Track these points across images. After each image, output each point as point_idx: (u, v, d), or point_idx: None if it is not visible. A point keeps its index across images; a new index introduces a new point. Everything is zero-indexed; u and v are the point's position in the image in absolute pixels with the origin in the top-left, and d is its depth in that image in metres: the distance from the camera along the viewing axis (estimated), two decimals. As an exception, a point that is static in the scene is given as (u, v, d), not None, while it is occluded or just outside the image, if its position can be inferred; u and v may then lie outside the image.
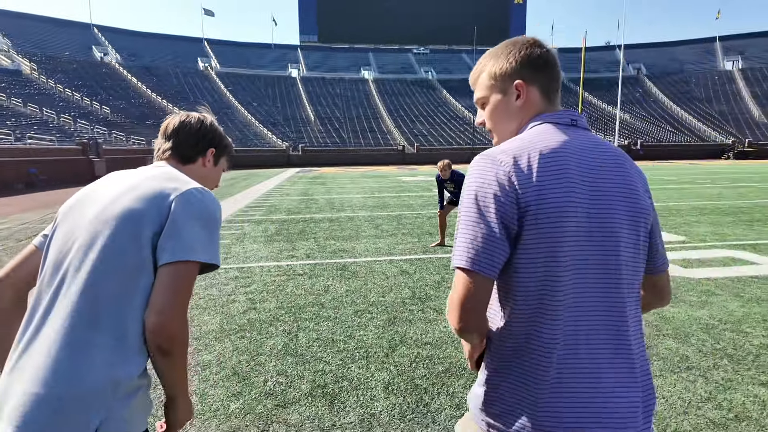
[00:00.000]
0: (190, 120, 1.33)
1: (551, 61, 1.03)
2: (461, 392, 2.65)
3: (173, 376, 1.03)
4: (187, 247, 1.01)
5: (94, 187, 1.16)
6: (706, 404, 2.48)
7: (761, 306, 3.94)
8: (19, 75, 46.09)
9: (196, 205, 1.07)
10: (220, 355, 3.19)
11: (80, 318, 0.97)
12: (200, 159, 1.32)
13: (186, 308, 1.02)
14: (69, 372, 0.94)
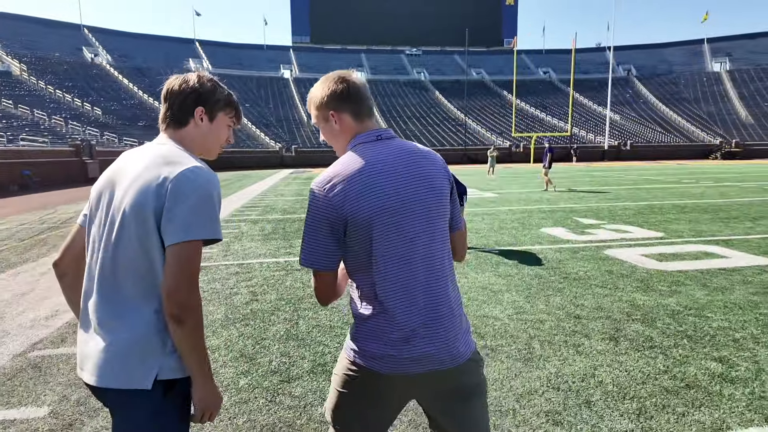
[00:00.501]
0: (176, 82, 1.36)
1: (354, 92, 1.32)
2: (447, 369, 2.95)
3: (189, 346, 1.19)
4: (184, 229, 1.16)
5: (115, 170, 1.30)
6: (662, 376, 2.81)
7: (724, 294, 4.29)
8: (9, 76, 45.85)
9: (188, 187, 1.18)
10: (227, 340, 3.47)
11: (117, 286, 1.21)
12: (191, 120, 1.34)
13: (193, 280, 1.18)
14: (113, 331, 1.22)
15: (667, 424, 2.33)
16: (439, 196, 1.31)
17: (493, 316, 3.85)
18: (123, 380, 1.21)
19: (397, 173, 1.26)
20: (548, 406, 2.51)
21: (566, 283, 4.71)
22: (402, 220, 1.25)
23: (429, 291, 1.27)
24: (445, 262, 1.32)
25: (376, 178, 1.24)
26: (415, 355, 1.24)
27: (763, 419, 2.35)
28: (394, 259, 1.25)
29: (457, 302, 1.33)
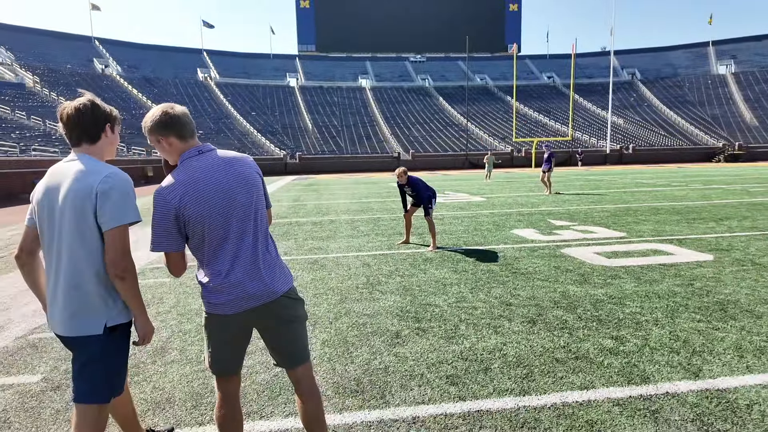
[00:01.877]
0: (83, 106, 1.76)
1: (174, 119, 1.81)
2: (381, 346, 3.45)
3: (130, 295, 1.79)
4: (113, 218, 1.71)
5: (49, 184, 1.77)
6: (559, 350, 3.29)
7: (651, 286, 4.74)
8: (22, 88, 47.20)
9: (112, 187, 1.71)
10: (198, 325, 4.00)
11: (72, 266, 1.75)
12: (102, 135, 1.82)
13: (126, 251, 1.74)
14: (75, 301, 1.75)
15: (544, 385, 2.81)
16: (254, 186, 1.88)
17: (435, 304, 4.34)
18: (86, 329, 1.76)
19: (217, 176, 1.80)
20: (452, 371, 3.01)
21: (512, 277, 5.19)
22: (227, 208, 1.79)
23: (253, 253, 1.83)
24: (260, 232, 1.88)
25: (200, 185, 1.77)
26: (245, 297, 1.80)
27: (626, 381, 2.83)
28: (223, 239, 1.80)
29: (273, 258, 1.91)
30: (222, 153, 1.89)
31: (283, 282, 1.90)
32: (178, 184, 1.76)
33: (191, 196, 1.75)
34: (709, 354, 3.16)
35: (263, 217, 1.91)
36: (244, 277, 1.81)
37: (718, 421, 2.40)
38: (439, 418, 2.50)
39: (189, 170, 1.79)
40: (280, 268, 1.93)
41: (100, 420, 1.81)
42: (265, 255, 1.88)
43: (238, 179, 1.83)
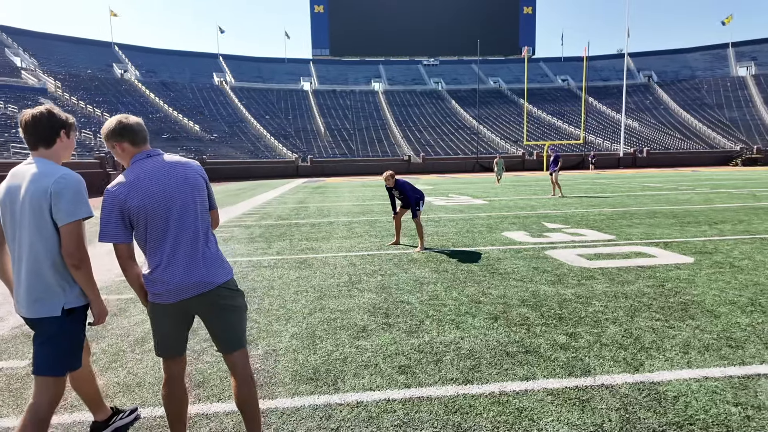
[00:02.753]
0: (39, 114, 2.00)
1: (128, 128, 2.07)
2: (345, 339, 3.65)
3: (84, 282, 2.03)
4: (68, 215, 1.94)
5: (10, 185, 2.01)
6: (513, 344, 3.44)
7: (622, 286, 4.85)
8: (44, 93, 48.62)
9: (63, 188, 1.94)
10: (181, 318, 4.25)
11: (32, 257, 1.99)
12: (57, 140, 2.06)
13: (80, 244, 1.97)
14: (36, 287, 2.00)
15: (488, 375, 2.98)
16: (195, 188, 2.09)
17: (407, 302, 4.52)
18: (45, 311, 1.99)
19: (160, 177, 2.03)
20: (405, 362, 3.19)
21: (489, 277, 5.34)
22: (168, 206, 2.02)
23: (192, 247, 2.04)
24: (200, 229, 2.07)
25: (144, 182, 2.01)
26: (184, 287, 2.01)
27: (567, 373, 2.98)
28: (164, 233, 2.03)
29: (212, 253, 2.10)
30: (168, 157, 2.11)
31: (221, 274, 2.10)
32: (126, 182, 2.00)
33: (136, 192, 1.98)
34: (655, 350, 3.29)
35: (204, 215, 2.12)
36: (181, 269, 2.02)
37: (642, 410, 2.54)
38: (381, 403, 2.68)
39: (137, 171, 2.03)
40: (219, 261, 2.12)
41: (56, 390, 2.04)
42: (205, 250, 2.09)
43: (179, 180, 2.05)
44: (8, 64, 53.79)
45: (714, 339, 3.45)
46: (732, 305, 4.18)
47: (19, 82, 49.33)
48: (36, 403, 2.01)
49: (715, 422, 2.40)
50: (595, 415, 2.49)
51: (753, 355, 3.18)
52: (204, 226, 2.12)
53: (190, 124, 54.44)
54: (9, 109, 38.81)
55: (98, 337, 3.86)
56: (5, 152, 25.68)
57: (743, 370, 2.96)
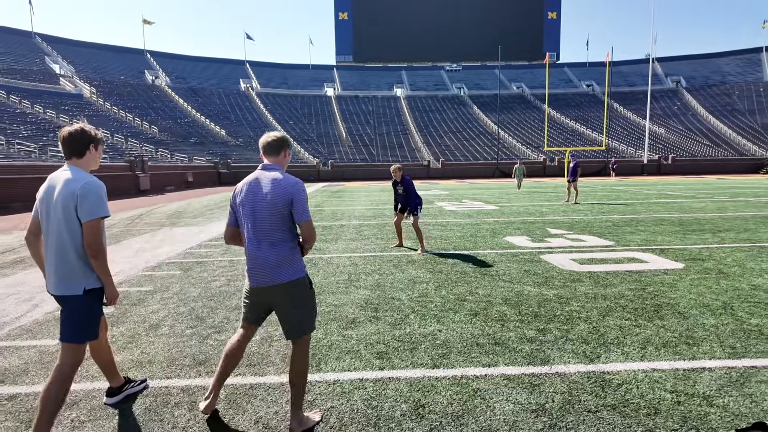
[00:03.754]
0: (75, 131, 2.50)
1: (263, 144, 2.63)
2: (334, 329, 4.04)
3: (100, 269, 2.46)
4: (88, 214, 2.38)
5: (48, 187, 2.48)
6: (484, 337, 3.77)
7: (604, 289, 5.10)
8: (80, 99, 50.84)
9: (88, 191, 2.39)
10: (192, 308, 4.71)
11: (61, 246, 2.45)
12: (87, 152, 2.55)
13: (98, 237, 2.39)
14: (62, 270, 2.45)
15: (454, 361, 3.32)
16: (272, 200, 2.46)
17: (398, 298, 4.88)
18: (69, 290, 2.45)
19: (254, 185, 2.53)
20: (384, 349, 3.56)
21: (479, 278, 5.65)
22: (252, 208, 2.50)
23: (259, 246, 2.51)
24: (267, 231, 2.48)
25: (244, 187, 2.56)
26: (254, 278, 2.53)
27: (527, 362, 3.29)
28: (246, 228, 2.53)
29: (275, 254, 2.48)
30: (269, 172, 2.55)
31: (281, 274, 2.47)
32: (241, 183, 2.62)
33: (238, 193, 2.59)
34: (616, 346, 3.56)
35: (273, 220, 2.47)
36: (253, 263, 2.52)
37: (584, 393, 2.84)
38: (355, 382, 3.06)
39: (249, 177, 2.59)
40: (280, 263, 2.48)
41: (77, 355, 2.49)
42: (269, 249, 2.47)
43: (263, 191, 2.50)
44: (48, 72, 56.45)
45: (674, 337, 3.70)
46: (704, 308, 4.40)
47: (58, 88, 51.72)
48: (61, 364, 2.46)
49: (647, 405, 2.69)
50: (540, 397, 2.81)
51: (705, 351, 3.42)
52: (277, 228, 2.48)
53: (217, 128, 56.00)
54: (48, 114, 40.80)
55: (119, 322, 4.35)
56: (43, 155, 27.12)
57: (691, 364, 3.22)
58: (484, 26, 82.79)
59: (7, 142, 27.04)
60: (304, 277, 2.54)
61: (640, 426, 2.49)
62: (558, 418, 2.59)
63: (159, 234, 10.27)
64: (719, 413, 2.60)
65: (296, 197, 2.46)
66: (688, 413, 2.61)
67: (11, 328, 4.26)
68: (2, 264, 7.24)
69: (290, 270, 2.48)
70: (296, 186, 2.48)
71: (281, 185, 2.46)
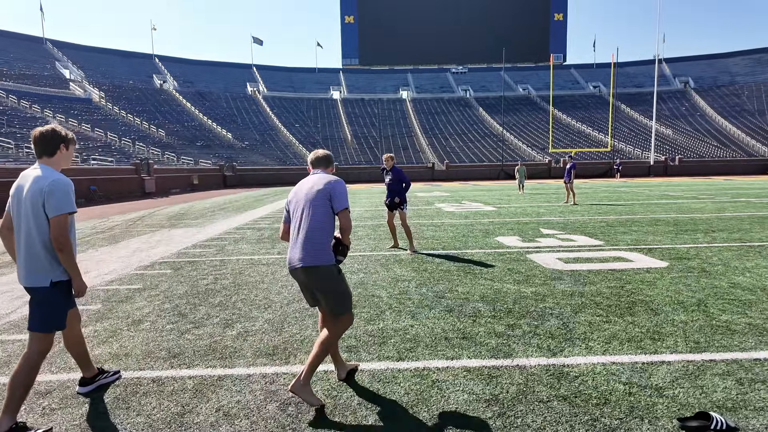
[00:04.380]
0: (46, 131, 2.64)
1: (313, 158, 3.11)
2: (310, 324, 4.13)
3: (67, 262, 2.57)
4: (55, 210, 2.50)
5: (19, 184, 2.61)
6: (454, 332, 3.85)
7: (584, 287, 5.15)
8: (89, 103, 51.58)
9: (54, 188, 2.51)
10: (177, 305, 4.84)
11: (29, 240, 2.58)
12: (58, 152, 2.67)
13: (64, 232, 2.50)
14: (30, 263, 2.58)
15: (420, 355, 3.40)
16: (317, 194, 2.84)
17: (377, 296, 4.97)
18: (37, 282, 2.58)
19: (304, 184, 2.94)
20: (354, 343, 3.65)
21: (462, 276, 5.73)
22: (301, 202, 2.88)
23: (302, 232, 2.83)
24: (313, 222, 2.81)
25: (297, 186, 2.96)
26: (291, 260, 2.85)
27: (490, 355, 3.37)
28: (294, 219, 2.90)
29: (314, 241, 2.78)
30: (317, 174, 3.00)
31: (316, 257, 2.77)
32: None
33: (292, 191, 3.01)
34: (581, 341, 3.63)
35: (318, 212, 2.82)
36: (293, 245, 2.86)
37: (539, 385, 2.91)
38: (319, 373, 3.15)
39: (304, 179, 3.03)
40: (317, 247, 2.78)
41: (44, 344, 2.61)
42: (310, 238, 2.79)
43: (311, 188, 2.90)
44: (58, 77, 57.35)
45: (641, 333, 3.76)
46: (678, 305, 4.44)
47: (68, 93, 52.52)
48: (29, 352, 2.59)
49: (598, 396, 2.76)
50: (496, 388, 2.89)
51: (668, 346, 3.48)
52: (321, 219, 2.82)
53: (223, 132, 56.50)
54: (57, 118, 41.45)
55: (103, 317, 4.49)
56: (51, 159, 27.58)
57: (651, 358, 3.28)
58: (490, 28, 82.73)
59: (16, 146, 27.54)
60: (335, 264, 2.83)
61: (587, 415, 2.56)
62: (509, 407, 2.66)
63: (157, 235, 10.45)
64: (667, 403, 2.66)
65: (334, 190, 2.84)
66: (637, 403, 2.67)
67: (1, 323, 4.41)
68: (1, 264, 7.44)
69: (325, 256, 2.79)
70: (339, 182, 2.90)
71: (321, 179, 2.90)
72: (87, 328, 4.17)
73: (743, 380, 2.92)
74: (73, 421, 2.66)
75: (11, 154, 26.20)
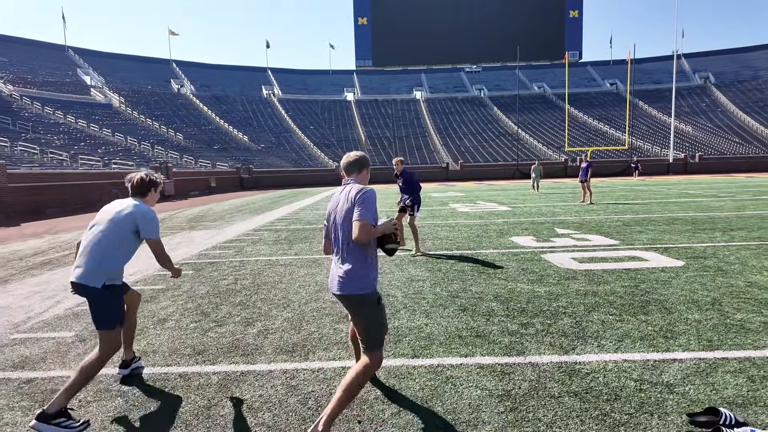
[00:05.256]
0: (142, 178, 3.11)
1: (344, 163, 2.75)
2: (326, 323, 4.27)
3: (165, 266, 3.00)
4: (149, 233, 2.95)
5: (112, 203, 3.05)
6: (467, 330, 3.93)
7: (598, 286, 5.18)
8: (110, 108, 52.75)
9: (146, 216, 2.95)
10: (199, 304, 5.02)
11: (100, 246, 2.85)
12: (149, 193, 3.13)
13: (161, 248, 2.97)
14: (93, 263, 2.81)
15: (434, 352, 3.50)
16: (347, 214, 2.56)
17: (393, 295, 5.08)
18: (91, 282, 2.79)
19: (338, 198, 2.69)
20: (369, 342, 3.76)
21: (476, 276, 5.80)
22: (336, 220, 2.65)
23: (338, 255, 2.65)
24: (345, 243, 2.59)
25: (333, 198, 2.74)
26: (329, 282, 2.69)
27: (503, 353, 3.45)
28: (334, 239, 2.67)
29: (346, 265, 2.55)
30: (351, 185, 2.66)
31: (350, 285, 2.53)
32: None
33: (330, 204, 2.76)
34: (594, 339, 3.68)
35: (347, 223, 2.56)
36: (333, 269, 2.66)
37: (551, 381, 2.99)
38: (338, 369, 3.28)
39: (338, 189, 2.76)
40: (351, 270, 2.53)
41: (111, 340, 2.83)
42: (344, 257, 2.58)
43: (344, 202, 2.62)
44: (80, 83, 58.79)
45: (654, 331, 3.80)
46: (692, 304, 4.46)
47: (89, 99, 53.81)
48: (97, 350, 2.85)
49: (609, 392, 2.83)
50: (509, 384, 2.97)
51: (681, 344, 3.52)
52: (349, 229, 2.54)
53: (239, 135, 57.24)
54: (79, 123, 42.51)
55: (130, 317, 4.68)
56: (74, 163, 28.33)
57: (663, 355, 3.33)
58: (504, 27, 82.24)
59: (41, 151, 28.35)
60: (369, 294, 2.55)
61: (597, 410, 2.63)
62: (520, 402, 2.75)
63: (178, 236, 10.72)
64: (677, 399, 2.72)
65: (359, 203, 2.51)
66: (647, 399, 2.73)
67: (34, 321, 4.64)
68: (32, 265, 7.75)
69: (354, 284, 2.53)
70: (363, 193, 2.54)
71: (351, 193, 2.57)
72: (115, 327, 4.36)
73: (755, 377, 2.95)
74: (107, 413, 2.83)
75: (36, 159, 26.99)
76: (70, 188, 21.05)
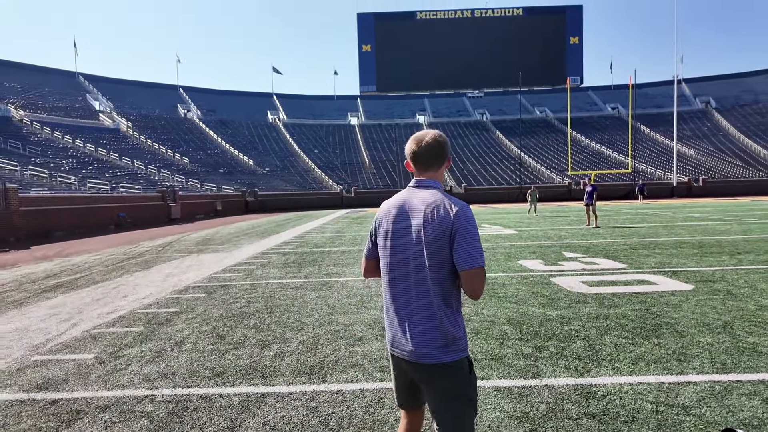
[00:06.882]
0: None
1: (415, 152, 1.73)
2: (342, 345, 4.32)
3: None
4: None
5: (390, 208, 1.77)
6: (483, 353, 3.98)
7: (609, 310, 5.23)
8: (118, 133, 53.63)
9: None
10: (214, 327, 5.08)
11: None
12: None
13: None
14: None
15: (451, 375, 3.54)
16: (431, 237, 1.63)
17: (405, 319, 5.13)
18: None
19: (402, 210, 1.71)
20: (386, 363, 3.81)
21: (486, 299, 5.85)
22: (393, 243, 1.71)
23: (402, 299, 1.73)
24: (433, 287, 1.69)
25: (390, 212, 1.73)
26: (395, 342, 1.76)
27: (519, 376, 3.49)
28: (386, 269, 1.74)
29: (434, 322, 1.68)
30: (418, 192, 1.73)
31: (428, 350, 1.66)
32: (387, 204, 1.80)
33: (380, 214, 1.80)
34: (608, 362, 3.72)
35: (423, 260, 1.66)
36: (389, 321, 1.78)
37: (568, 403, 3.03)
38: (356, 392, 3.32)
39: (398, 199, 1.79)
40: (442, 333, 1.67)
41: None
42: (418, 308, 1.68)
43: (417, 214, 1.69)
44: (89, 108, 59.96)
45: (668, 354, 3.84)
46: (703, 327, 4.50)
47: (97, 123, 54.79)
48: None
49: (626, 414, 2.86)
50: (526, 406, 3.02)
51: (695, 367, 3.55)
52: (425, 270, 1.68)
53: (245, 159, 57.91)
54: (87, 148, 43.20)
55: (147, 339, 4.74)
56: (82, 187, 28.69)
57: (678, 378, 3.36)
58: (506, 53, 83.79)
59: (50, 175, 28.76)
60: (463, 359, 1.71)
61: (616, 431, 2.67)
62: (539, 424, 2.79)
63: (187, 260, 10.82)
64: (694, 421, 2.75)
65: (462, 235, 1.60)
66: (664, 421, 2.77)
67: (53, 344, 4.71)
68: (46, 288, 7.84)
69: (441, 346, 1.66)
70: (462, 215, 1.62)
71: (433, 203, 1.65)
72: (133, 349, 4.43)
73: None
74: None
75: (45, 183, 27.38)
76: (79, 211, 21.29)
